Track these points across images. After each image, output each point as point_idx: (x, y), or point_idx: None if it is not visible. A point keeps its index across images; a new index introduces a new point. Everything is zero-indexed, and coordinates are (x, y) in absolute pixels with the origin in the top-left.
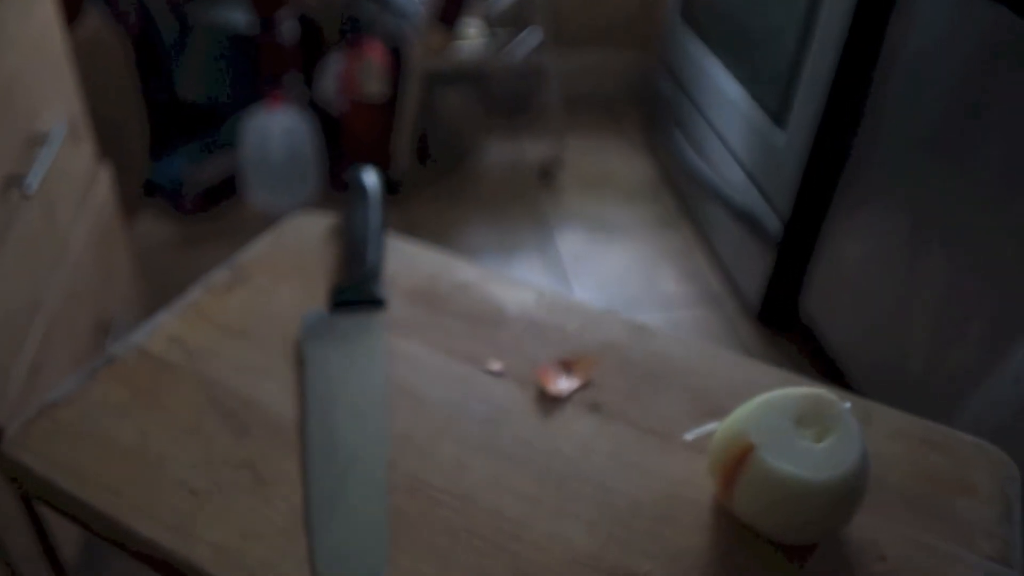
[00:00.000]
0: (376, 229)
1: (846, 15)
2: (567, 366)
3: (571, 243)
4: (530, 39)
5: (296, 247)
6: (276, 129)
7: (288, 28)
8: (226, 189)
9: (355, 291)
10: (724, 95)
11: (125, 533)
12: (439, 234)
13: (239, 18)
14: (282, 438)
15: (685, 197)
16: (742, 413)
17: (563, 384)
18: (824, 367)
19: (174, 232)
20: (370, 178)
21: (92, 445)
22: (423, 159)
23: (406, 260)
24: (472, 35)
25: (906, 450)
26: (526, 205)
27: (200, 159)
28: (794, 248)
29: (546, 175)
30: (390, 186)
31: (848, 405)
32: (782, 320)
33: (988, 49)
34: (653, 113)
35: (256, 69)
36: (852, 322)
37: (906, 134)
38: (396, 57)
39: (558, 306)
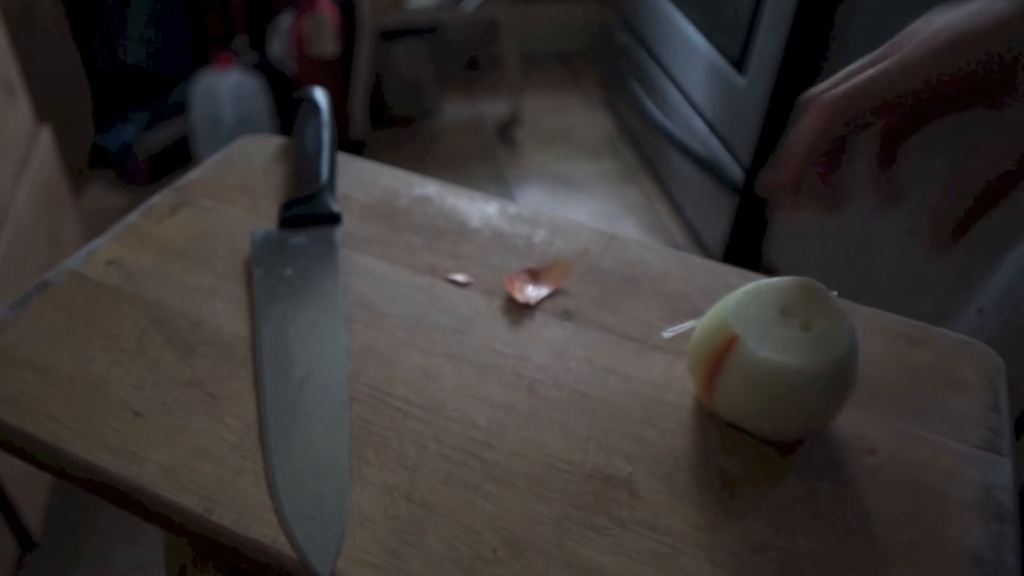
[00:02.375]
0: (327, 145)
1: None
2: (535, 274)
3: (532, 201)
4: None
5: (243, 168)
6: (226, 91)
7: None
8: (178, 155)
9: (306, 206)
10: (683, 44)
11: (67, 460)
12: None
13: None
14: (233, 356)
15: (645, 151)
16: (723, 305)
17: (532, 292)
18: None
19: (124, 202)
20: (320, 96)
21: (28, 372)
22: (380, 118)
23: (362, 177)
24: None
25: (889, 347)
26: (486, 163)
27: (149, 125)
28: (756, 196)
29: (505, 132)
30: (351, 147)
31: (835, 293)
32: (746, 267)
33: None
34: (612, 67)
35: (203, 30)
36: (815, 266)
37: None
38: (348, 13)
39: (523, 217)
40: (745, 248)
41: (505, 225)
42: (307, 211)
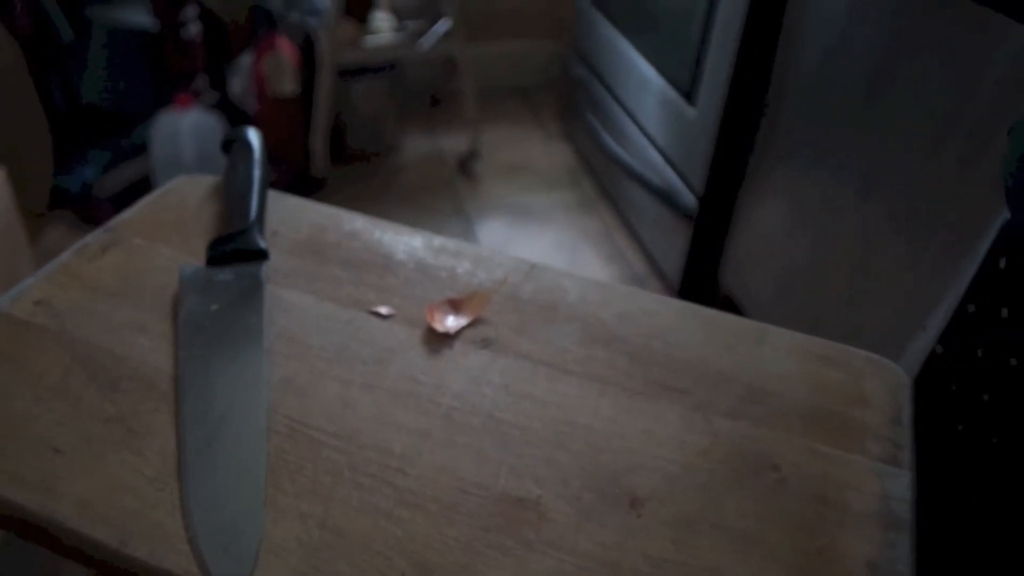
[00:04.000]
0: (258, 183)
1: None
2: (456, 305)
3: (492, 233)
4: (441, 29)
5: (177, 207)
6: (187, 131)
7: (192, 26)
8: (139, 195)
9: (234, 243)
10: (636, 76)
11: None
12: None
13: (140, 17)
14: (156, 391)
15: (603, 181)
16: None
17: (451, 321)
18: None
19: None
20: (252, 136)
21: None
22: (341, 154)
23: (291, 214)
24: (382, 27)
25: (802, 367)
26: (446, 197)
27: (110, 166)
28: (710, 222)
29: (465, 166)
30: (313, 184)
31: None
32: (703, 294)
33: (892, 13)
34: (569, 99)
35: (162, 69)
36: (769, 290)
37: (813, 101)
38: (307, 52)
39: (447, 250)
40: (702, 274)
41: (429, 257)
42: (234, 248)
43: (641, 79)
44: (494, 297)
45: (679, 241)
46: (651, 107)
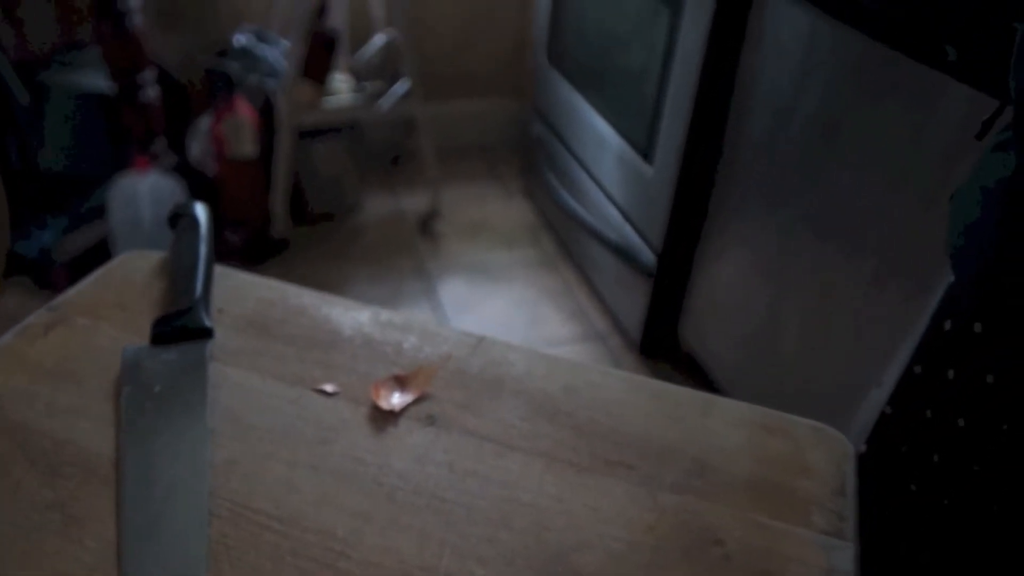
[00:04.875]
0: (203, 259)
1: (701, 49)
2: (402, 381)
3: (453, 292)
4: (400, 90)
5: (122, 284)
6: (145, 194)
7: (150, 89)
8: (98, 260)
9: (178, 322)
10: (594, 134)
11: None
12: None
13: (97, 80)
14: (96, 476)
15: (564, 238)
16: None
17: (396, 399)
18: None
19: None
20: (199, 211)
21: None
22: (302, 215)
23: (238, 290)
24: (341, 89)
25: (746, 437)
26: (408, 257)
27: (68, 230)
28: (669, 279)
29: (425, 226)
30: (274, 245)
31: None
32: (664, 350)
33: (840, 71)
34: (528, 157)
35: (120, 133)
36: (728, 345)
37: (766, 159)
38: (266, 114)
39: (395, 324)
40: (662, 330)
41: (376, 332)
42: (179, 326)
43: (599, 138)
44: (440, 372)
45: (639, 298)
46: (609, 165)
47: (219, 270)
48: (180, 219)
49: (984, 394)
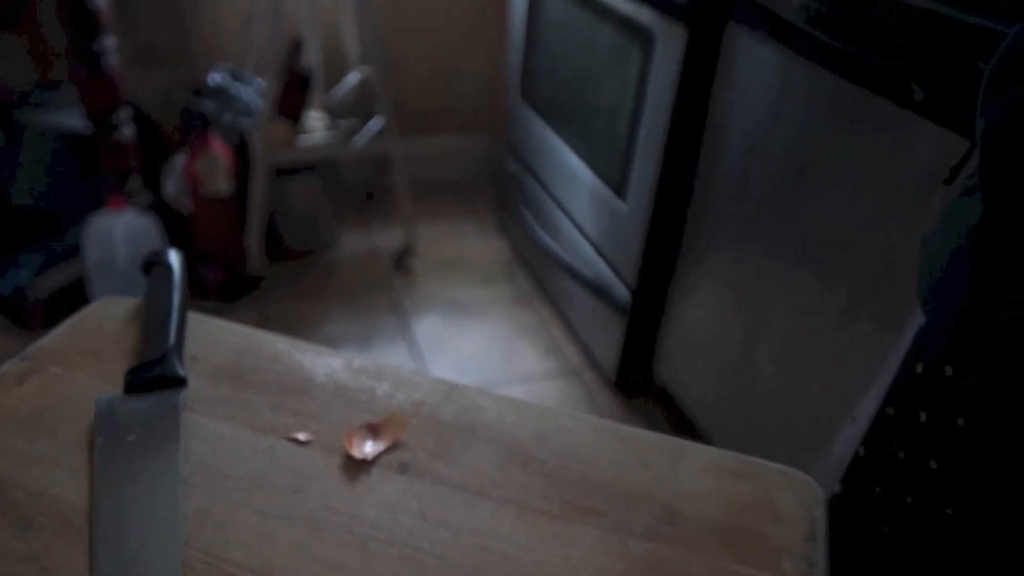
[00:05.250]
0: (176, 307)
1: (672, 87)
2: (374, 429)
3: (429, 329)
4: (374, 128)
5: (96, 332)
6: (120, 233)
7: (125, 128)
8: (73, 298)
9: (151, 371)
10: (568, 171)
11: None
12: (297, 330)
13: (72, 120)
14: (70, 528)
15: (539, 274)
16: None
17: (369, 447)
18: (683, 427)
19: (17, 347)
20: (173, 258)
21: None
22: (277, 251)
23: (211, 337)
24: (316, 126)
25: (716, 483)
26: (383, 293)
27: (43, 268)
28: (643, 315)
29: (401, 262)
30: (248, 283)
31: None
32: (639, 385)
33: (810, 108)
34: (503, 193)
35: (95, 171)
36: (703, 380)
37: (738, 196)
38: (241, 151)
39: (367, 370)
40: (637, 366)
41: (349, 379)
42: (152, 376)
43: (572, 175)
44: (412, 420)
45: (614, 333)
46: (583, 202)
47: (193, 317)
48: (154, 266)
49: (955, 437)
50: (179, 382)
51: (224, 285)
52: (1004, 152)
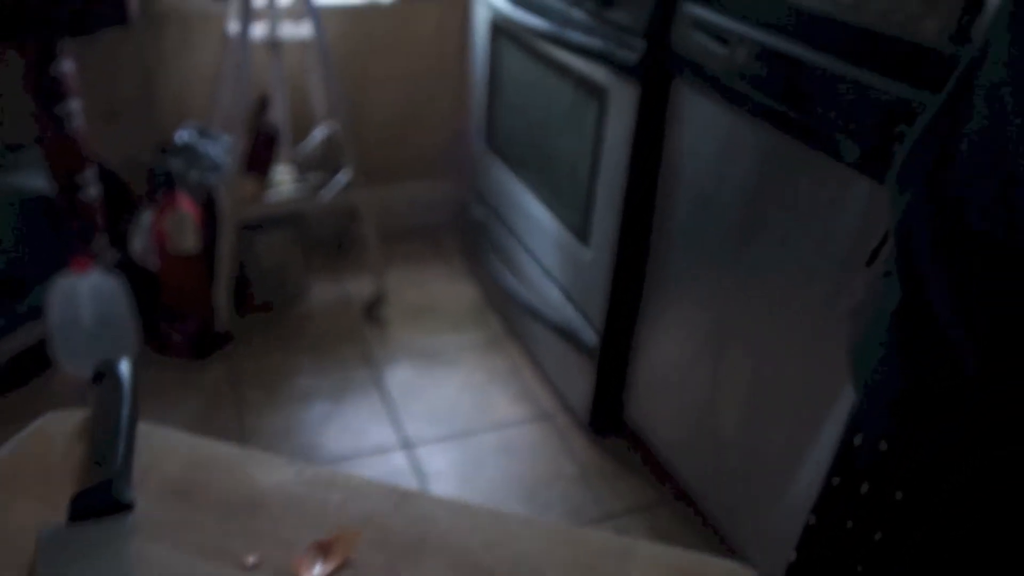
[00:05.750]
0: (125, 424)
1: (628, 138)
2: (324, 548)
3: (401, 379)
4: (342, 180)
5: (41, 452)
6: (85, 293)
7: (91, 188)
8: (36, 360)
9: (97, 498)
10: (533, 218)
11: None
12: (268, 386)
13: (37, 181)
14: None
15: (509, 318)
16: None
17: (318, 571)
18: (655, 467)
19: None
20: (123, 369)
21: None
22: (247, 305)
23: (162, 449)
24: (283, 181)
25: None
26: (354, 344)
27: (6, 331)
28: (612, 358)
29: (372, 311)
30: (218, 339)
31: None
32: (611, 427)
33: (753, 160)
34: (472, 239)
35: (61, 232)
36: (673, 420)
37: (693, 241)
38: (209, 207)
39: (319, 480)
40: (609, 408)
41: (301, 491)
42: (98, 502)
43: (537, 221)
44: (363, 533)
45: (585, 376)
46: (548, 247)
47: (142, 428)
48: (103, 377)
49: (895, 509)
50: (126, 507)
51: (193, 342)
52: (915, 244)
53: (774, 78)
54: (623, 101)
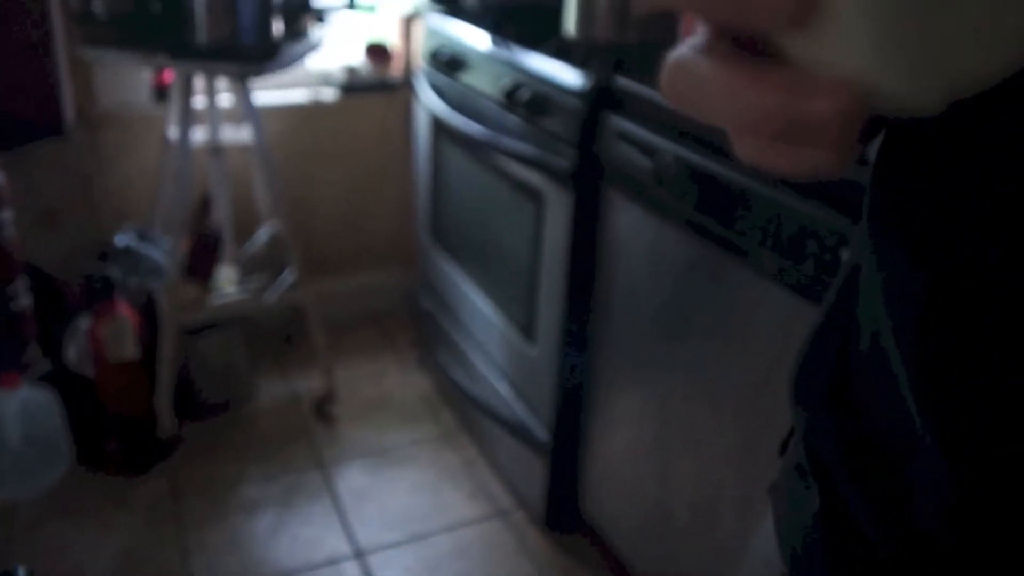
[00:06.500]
0: None
1: (566, 240)
2: None
3: (352, 481)
4: (286, 280)
5: None
6: (13, 412)
7: (22, 298)
8: None
9: None
10: (479, 312)
11: None
12: (212, 496)
13: None
14: None
15: (462, 411)
16: None
17: None
18: (613, 563)
19: None
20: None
21: None
22: (193, 408)
23: None
24: (227, 283)
25: None
26: (304, 445)
27: None
28: (564, 453)
29: (321, 409)
30: (161, 448)
31: None
32: (569, 523)
33: (680, 265)
34: (422, 329)
35: None
36: (628, 515)
37: (630, 340)
38: (149, 311)
39: None
40: (564, 504)
41: None
42: None
43: (483, 316)
44: None
45: (538, 473)
46: (496, 343)
47: None
48: None
49: None
50: None
51: (133, 454)
52: (822, 453)
53: (695, 191)
54: (558, 205)
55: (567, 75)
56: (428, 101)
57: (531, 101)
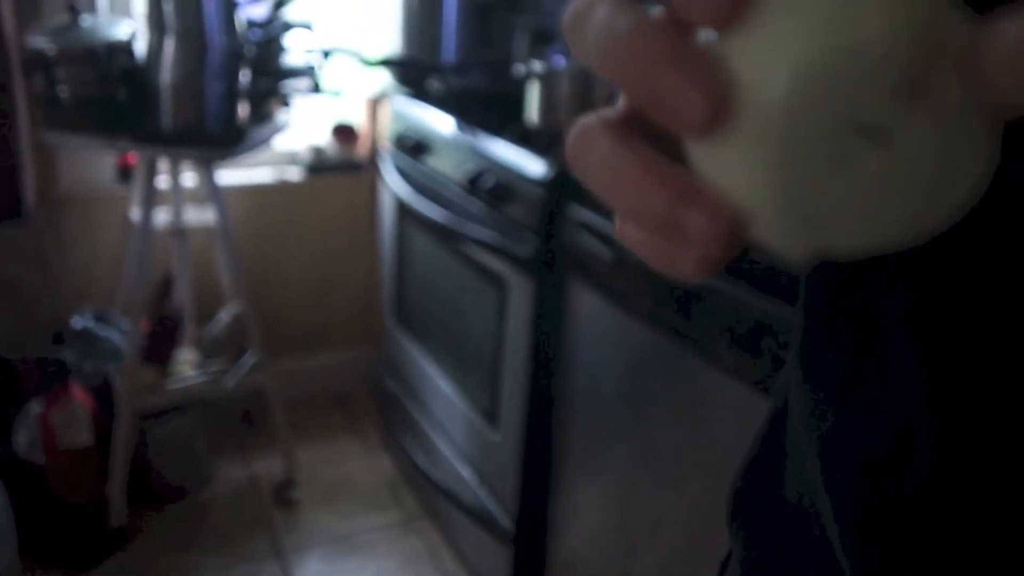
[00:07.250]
0: None
1: (527, 326)
2: None
3: (310, 570)
4: (247, 363)
5: None
6: None
7: None
8: None
9: None
10: (443, 396)
11: None
12: None
13: None
14: None
15: (425, 495)
16: None
17: None
18: None
19: None
20: None
21: None
22: (148, 495)
23: None
24: (186, 365)
25: None
26: (262, 533)
27: None
28: (529, 542)
29: (281, 495)
30: (114, 537)
31: None
32: None
33: (635, 353)
34: (385, 410)
35: None
36: None
37: (591, 426)
38: (104, 394)
39: None
40: None
41: None
42: None
43: (447, 400)
44: None
45: (503, 559)
46: (459, 428)
47: None
48: None
49: None
50: None
51: (81, 545)
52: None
53: (654, 282)
54: (521, 291)
55: (529, 163)
56: (393, 184)
57: (494, 188)
